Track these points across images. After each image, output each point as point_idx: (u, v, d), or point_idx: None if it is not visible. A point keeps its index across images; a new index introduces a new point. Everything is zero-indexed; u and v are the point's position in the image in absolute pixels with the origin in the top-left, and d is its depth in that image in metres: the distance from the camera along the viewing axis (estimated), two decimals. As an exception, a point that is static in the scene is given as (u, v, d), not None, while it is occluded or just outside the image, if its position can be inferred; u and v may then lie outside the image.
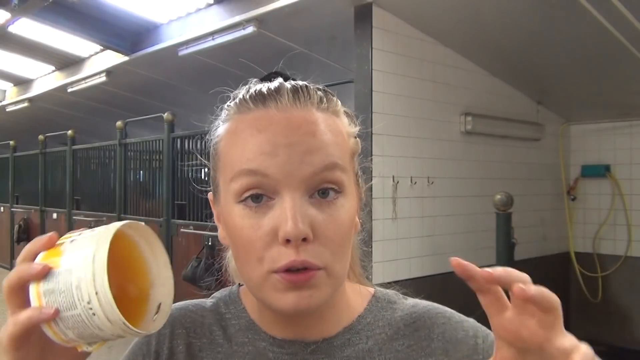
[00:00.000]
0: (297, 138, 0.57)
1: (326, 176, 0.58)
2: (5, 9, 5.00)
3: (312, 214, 0.57)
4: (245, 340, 0.68)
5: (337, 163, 0.58)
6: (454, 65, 4.35)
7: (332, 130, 0.60)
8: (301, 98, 0.60)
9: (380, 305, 0.70)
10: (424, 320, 0.68)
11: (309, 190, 0.57)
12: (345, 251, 0.60)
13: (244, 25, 4.43)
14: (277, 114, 0.59)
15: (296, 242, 0.55)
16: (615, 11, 3.44)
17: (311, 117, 0.59)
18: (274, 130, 0.58)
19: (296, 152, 0.57)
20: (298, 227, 0.55)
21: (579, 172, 5.56)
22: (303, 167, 0.56)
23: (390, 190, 3.84)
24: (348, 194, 0.60)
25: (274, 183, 0.57)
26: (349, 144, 0.63)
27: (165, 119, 6.00)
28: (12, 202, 10.08)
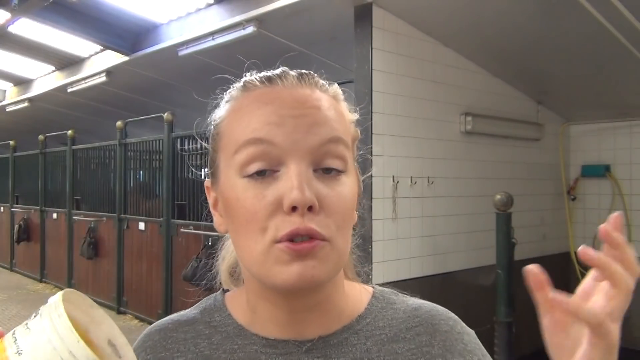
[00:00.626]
0: (303, 110, 0.59)
1: (331, 149, 0.59)
2: (5, 9, 5.00)
3: (316, 187, 0.57)
4: (235, 347, 0.66)
5: (342, 138, 0.60)
6: (454, 66, 4.35)
7: (336, 110, 0.62)
8: (306, 79, 0.63)
9: (380, 305, 0.69)
10: (426, 325, 0.67)
11: (315, 162, 0.58)
12: (348, 228, 0.60)
13: (244, 25, 4.43)
14: (284, 90, 0.61)
15: (302, 210, 0.55)
16: (616, 11, 3.44)
17: (316, 94, 0.61)
18: (281, 103, 0.59)
19: (303, 122, 0.58)
20: (305, 194, 0.54)
21: (579, 172, 5.56)
22: (310, 137, 0.57)
23: (390, 190, 3.84)
24: (350, 173, 0.61)
25: (280, 152, 0.57)
26: (350, 128, 0.65)
27: (165, 119, 6.00)
28: (12, 202, 10.09)
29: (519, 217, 4.16)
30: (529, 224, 5.03)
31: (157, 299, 6.14)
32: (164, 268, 5.98)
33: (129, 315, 6.63)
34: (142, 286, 6.46)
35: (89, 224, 7.40)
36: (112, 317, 6.80)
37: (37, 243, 9.01)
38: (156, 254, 6.16)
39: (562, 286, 0.56)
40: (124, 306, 6.77)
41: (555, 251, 5.46)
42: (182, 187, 5.92)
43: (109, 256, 7.06)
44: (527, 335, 4.86)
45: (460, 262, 4.39)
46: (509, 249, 3.70)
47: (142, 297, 6.46)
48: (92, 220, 7.40)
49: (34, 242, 9.18)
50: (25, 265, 9.52)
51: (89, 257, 7.26)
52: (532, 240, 5.08)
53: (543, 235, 5.31)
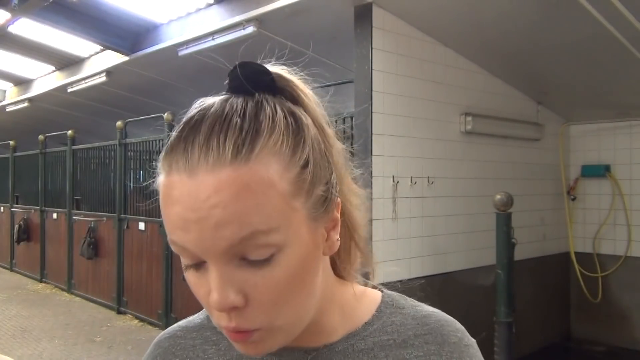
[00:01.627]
0: (205, 212, 0.51)
1: (247, 245, 0.52)
2: (5, 9, 5.00)
3: (242, 278, 0.53)
4: (240, 354, 0.65)
5: (257, 230, 0.51)
6: (454, 66, 4.35)
7: (253, 191, 0.51)
8: (213, 158, 0.51)
9: (389, 311, 0.68)
10: (435, 334, 0.66)
11: (234, 256, 0.53)
12: (292, 300, 0.56)
13: (244, 25, 4.43)
14: (187, 182, 0.52)
15: (225, 311, 0.54)
16: (616, 11, 3.44)
17: (221, 184, 0.51)
18: (184, 203, 0.52)
19: (206, 227, 0.51)
20: (221, 299, 0.53)
21: (579, 172, 5.56)
22: (217, 242, 0.51)
23: (390, 190, 3.84)
24: (288, 246, 0.54)
25: (196, 254, 0.54)
26: (284, 190, 0.53)
27: (165, 119, 6.00)
28: (12, 202, 10.09)
29: (519, 217, 4.16)
30: (529, 224, 5.03)
31: (157, 299, 6.14)
32: (164, 268, 5.98)
33: (129, 315, 6.63)
34: (142, 286, 6.46)
35: (89, 224, 7.40)
36: (112, 317, 6.79)
37: (37, 243, 9.00)
38: (156, 254, 6.16)
39: (562, 286, 0.56)
40: (124, 306, 6.77)
41: (555, 251, 5.46)
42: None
43: (109, 256, 7.06)
44: (527, 335, 4.87)
45: (460, 262, 4.39)
46: (509, 249, 3.70)
47: (142, 297, 6.46)
48: (92, 220, 7.40)
49: (34, 242, 9.18)
50: (25, 266, 9.52)
51: (89, 257, 7.26)
52: (532, 240, 5.08)
53: (543, 235, 5.31)
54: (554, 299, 5.46)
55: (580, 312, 5.58)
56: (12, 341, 5.61)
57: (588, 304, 5.43)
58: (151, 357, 0.71)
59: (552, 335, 5.42)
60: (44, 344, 5.50)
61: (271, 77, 0.58)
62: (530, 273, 5.01)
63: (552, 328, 5.45)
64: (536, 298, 5.12)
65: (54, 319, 6.54)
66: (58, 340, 5.64)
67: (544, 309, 5.29)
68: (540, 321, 5.22)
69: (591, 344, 5.43)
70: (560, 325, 5.58)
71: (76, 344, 5.49)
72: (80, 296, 7.68)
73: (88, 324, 6.28)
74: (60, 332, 5.92)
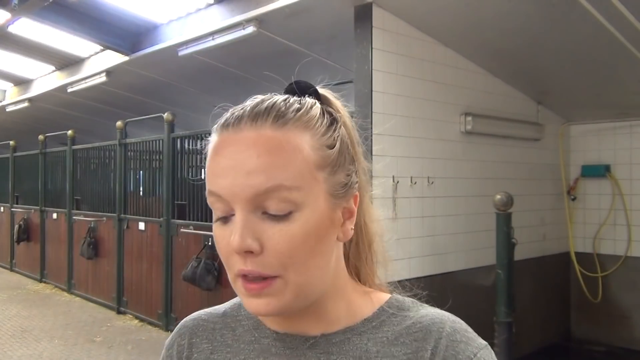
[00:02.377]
0: (241, 160, 0.60)
1: (270, 196, 0.60)
2: (5, 9, 5.00)
3: (262, 228, 0.61)
4: (252, 339, 0.73)
5: (282, 185, 0.60)
6: (454, 66, 4.35)
7: (284, 149, 0.61)
8: (258, 118, 0.62)
9: (391, 312, 0.71)
10: (427, 331, 0.67)
11: (259, 207, 0.61)
12: (305, 261, 0.62)
13: (244, 25, 4.43)
14: (231, 137, 0.63)
15: (242, 254, 0.61)
16: (616, 11, 3.44)
17: (259, 138, 0.61)
18: (225, 153, 0.62)
19: (239, 173, 0.60)
20: (240, 241, 0.59)
21: (579, 172, 5.56)
22: (246, 189, 0.60)
23: (390, 190, 3.84)
24: (305, 208, 0.61)
25: (227, 202, 0.61)
26: (310, 159, 0.63)
27: (165, 119, 6.00)
28: (12, 202, 10.09)
29: (519, 217, 4.16)
30: (529, 224, 5.03)
31: (157, 299, 6.14)
32: (164, 268, 5.98)
33: (129, 315, 6.63)
34: (142, 286, 6.46)
35: (89, 224, 7.40)
36: (112, 317, 6.78)
37: (37, 243, 9.00)
38: (156, 254, 6.16)
39: (562, 286, 0.56)
40: (124, 306, 6.77)
41: (555, 251, 5.46)
42: (182, 187, 5.92)
43: (109, 256, 7.06)
44: (527, 335, 4.87)
45: (460, 262, 4.39)
46: (509, 249, 3.70)
47: (142, 297, 6.46)
48: (92, 220, 7.40)
49: (34, 242, 9.18)
50: (25, 265, 9.52)
51: (89, 257, 7.26)
52: (532, 240, 5.08)
53: (543, 235, 5.31)
54: (554, 299, 5.46)
55: (580, 312, 5.58)
56: (12, 341, 5.61)
57: (588, 304, 5.43)
58: (177, 334, 0.79)
59: (552, 335, 5.42)
60: (44, 344, 5.50)
61: (316, 91, 0.69)
62: (530, 273, 5.01)
63: (552, 328, 5.45)
64: (536, 298, 5.12)
65: (53, 319, 6.54)
66: (58, 340, 5.64)
67: (544, 309, 5.29)
68: (540, 321, 5.22)
69: (591, 344, 5.43)
70: (560, 325, 5.58)
71: (76, 344, 5.49)
72: (80, 296, 7.68)
73: (88, 324, 6.28)
74: (60, 332, 5.92)
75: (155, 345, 5.43)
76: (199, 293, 5.33)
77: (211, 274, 5.08)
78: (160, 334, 5.89)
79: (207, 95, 6.71)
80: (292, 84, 0.69)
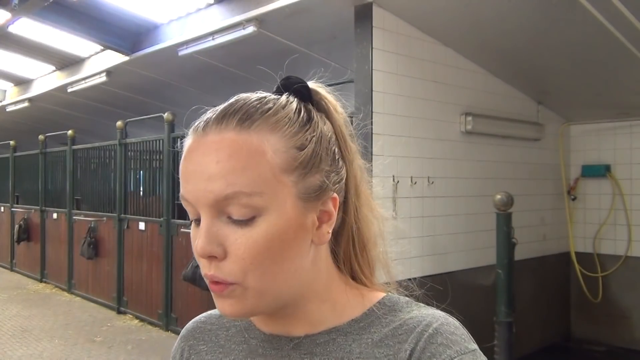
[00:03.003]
0: (202, 166, 0.60)
1: (230, 203, 0.59)
2: (6, 9, 5.00)
3: (225, 233, 0.60)
4: (242, 339, 0.74)
5: (241, 191, 0.59)
6: (454, 65, 4.34)
7: (245, 153, 0.60)
8: (224, 121, 0.62)
9: (381, 312, 0.68)
10: (409, 332, 0.64)
11: (223, 212, 0.60)
12: (267, 267, 0.61)
13: (244, 25, 4.43)
14: (198, 140, 0.62)
15: (207, 259, 0.61)
16: (616, 11, 3.44)
17: (222, 142, 0.60)
18: (191, 157, 0.62)
19: (200, 178, 0.60)
20: (203, 246, 0.60)
21: (579, 172, 5.56)
22: (206, 195, 0.60)
23: (391, 190, 3.84)
24: (271, 212, 0.60)
25: (194, 206, 0.62)
26: (275, 163, 0.60)
27: (165, 119, 6.00)
28: (12, 202, 10.09)
29: (519, 217, 4.16)
30: (529, 224, 5.03)
31: (157, 299, 6.14)
32: (164, 268, 5.98)
33: (129, 315, 6.63)
34: (142, 286, 6.46)
35: (89, 224, 7.40)
36: (113, 317, 6.78)
37: (37, 243, 9.01)
38: (156, 254, 6.16)
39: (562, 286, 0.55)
40: (124, 306, 6.77)
41: (555, 251, 5.46)
42: (182, 187, 5.91)
43: (109, 256, 7.06)
44: (527, 335, 4.87)
45: (460, 262, 4.39)
46: (509, 249, 3.70)
47: (142, 297, 6.46)
48: (92, 220, 7.40)
49: (34, 242, 9.18)
50: (25, 265, 9.52)
51: (89, 257, 7.26)
52: (532, 240, 5.08)
53: (543, 235, 5.31)
54: (554, 298, 5.46)
55: (580, 312, 5.58)
56: (12, 341, 5.61)
57: (588, 303, 5.43)
58: (180, 339, 0.82)
59: (552, 335, 5.42)
60: (44, 343, 5.51)
61: (305, 86, 0.67)
62: (531, 273, 5.01)
63: (552, 328, 5.45)
64: (536, 298, 5.12)
65: (54, 319, 6.54)
66: (58, 340, 5.64)
67: (544, 309, 5.29)
68: (540, 321, 5.22)
69: (591, 344, 5.43)
70: (560, 325, 5.58)
71: (76, 344, 5.49)
72: (81, 296, 7.68)
73: (88, 324, 6.29)
74: (61, 332, 5.92)
75: (155, 345, 5.43)
76: (199, 293, 5.32)
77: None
78: (160, 333, 5.89)
79: (208, 95, 6.71)
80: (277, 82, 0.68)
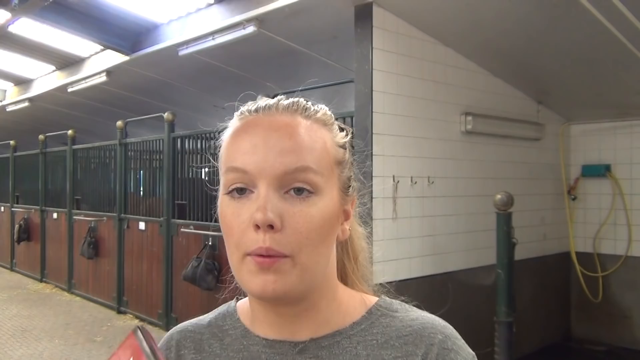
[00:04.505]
0: (274, 139, 0.64)
1: (298, 176, 0.63)
2: (6, 9, 5.00)
3: (283, 206, 0.63)
4: (241, 347, 0.73)
5: (310, 167, 0.64)
6: (455, 65, 4.34)
7: (312, 137, 0.66)
8: (290, 107, 0.67)
9: (379, 314, 0.72)
10: (417, 335, 0.68)
11: (283, 186, 0.63)
12: (316, 245, 0.64)
13: (244, 25, 4.43)
14: (263, 119, 0.66)
15: (264, 229, 0.61)
16: (616, 11, 3.44)
17: (293, 121, 0.66)
18: (257, 132, 0.65)
19: (272, 151, 0.63)
20: (266, 215, 0.61)
21: (579, 172, 5.56)
22: (276, 166, 0.63)
23: (391, 190, 3.84)
24: (324, 195, 0.65)
25: (252, 178, 0.63)
26: (331, 152, 0.67)
27: (166, 118, 6.00)
28: (12, 202, 10.09)
29: (519, 217, 4.16)
30: (529, 224, 5.03)
31: (158, 299, 6.14)
32: (164, 268, 5.98)
33: (129, 315, 6.63)
34: (143, 286, 6.46)
35: (89, 223, 7.40)
36: (113, 316, 6.78)
37: (37, 243, 9.01)
38: (156, 254, 6.16)
39: (562, 286, 0.56)
40: (124, 306, 6.77)
41: (555, 251, 5.46)
42: (182, 187, 5.92)
43: (109, 256, 7.06)
44: (527, 335, 4.87)
45: (460, 262, 4.39)
46: (509, 249, 3.70)
47: (143, 297, 6.46)
48: (92, 220, 7.40)
49: (34, 242, 9.18)
50: (25, 265, 9.53)
51: (89, 257, 7.27)
52: (532, 240, 5.08)
53: (543, 235, 5.31)
54: (555, 298, 5.46)
55: (580, 311, 5.58)
56: (12, 341, 5.61)
57: (588, 303, 5.43)
58: (165, 347, 0.78)
59: (552, 335, 5.42)
60: (44, 343, 5.51)
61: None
62: (531, 273, 5.01)
63: (553, 328, 5.44)
64: (536, 298, 5.11)
65: (54, 318, 6.54)
66: (58, 340, 5.64)
67: (544, 309, 5.29)
68: (541, 321, 5.21)
69: (592, 343, 5.43)
70: (560, 325, 5.58)
71: (76, 344, 5.49)
72: (81, 296, 7.69)
73: (88, 324, 6.29)
74: (61, 332, 5.93)
75: (155, 345, 5.43)
76: (199, 293, 5.33)
77: (211, 273, 5.08)
78: (160, 333, 5.89)
79: (208, 95, 6.71)
80: None
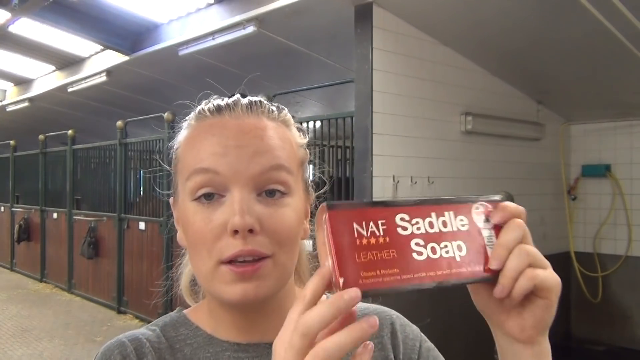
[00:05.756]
0: (246, 141, 0.63)
1: (272, 176, 0.62)
2: (6, 8, 5.01)
3: (259, 209, 0.61)
4: (208, 355, 0.68)
5: (283, 165, 0.63)
6: (454, 65, 4.34)
7: (280, 137, 0.65)
8: (253, 108, 0.66)
9: None
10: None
11: (257, 188, 0.62)
12: (292, 246, 0.64)
13: (244, 25, 4.43)
14: (230, 121, 0.65)
15: (243, 233, 0.59)
16: (616, 11, 3.44)
17: (261, 123, 0.65)
18: (226, 134, 0.63)
19: (245, 153, 0.62)
20: (244, 219, 0.59)
21: (579, 172, 5.56)
22: (251, 167, 0.62)
23: (391, 190, 3.84)
24: (295, 195, 0.65)
25: (224, 180, 0.62)
26: (297, 152, 0.68)
27: (166, 118, 6.00)
28: (12, 202, 10.09)
29: (519, 216, 4.15)
30: (529, 224, 4.97)
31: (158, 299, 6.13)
32: (164, 268, 5.98)
33: (129, 315, 6.64)
34: (143, 286, 6.46)
35: (89, 223, 7.40)
36: (113, 316, 6.78)
37: (37, 243, 9.01)
38: (156, 253, 6.16)
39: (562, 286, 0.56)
40: (124, 306, 6.77)
41: (555, 251, 5.46)
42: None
43: (109, 256, 7.06)
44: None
45: (461, 261, 4.38)
46: (509, 248, 3.70)
47: (143, 297, 6.46)
48: (92, 220, 7.40)
49: (34, 242, 9.18)
50: (25, 265, 9.53)
51: (89, 256, 7.27)
52: (532, 240, 5.08)
53: (543, 235, 5.31)
54: (554, 298, 5.45)
55: (580, 311, 5.58)
56: (12, 341, 5.61)
57: (588, 303, 5.43)
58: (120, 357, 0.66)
59: (552, 335, 5.39)
60: (44, 343, 5.51)
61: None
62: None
63: (552, 328, 5.41)
64: (536, 298, 5.11)
65: (54, 318, 6.54)
66: (58, 340, 5.64)
67: (544, 309, 5.28)
68: (541, 321, 5.21)
69: (591, 343, 5.43)
70: (560, 325, 5.58)
71: (76, 344, 5.49)
72: (81, 296, 7.69)
73: (88, 324, 6.29)
74: (61, 332, 5.93)
75: (155, 345, 5.43)
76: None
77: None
78: (160, 333, 5.89)
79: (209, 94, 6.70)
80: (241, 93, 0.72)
